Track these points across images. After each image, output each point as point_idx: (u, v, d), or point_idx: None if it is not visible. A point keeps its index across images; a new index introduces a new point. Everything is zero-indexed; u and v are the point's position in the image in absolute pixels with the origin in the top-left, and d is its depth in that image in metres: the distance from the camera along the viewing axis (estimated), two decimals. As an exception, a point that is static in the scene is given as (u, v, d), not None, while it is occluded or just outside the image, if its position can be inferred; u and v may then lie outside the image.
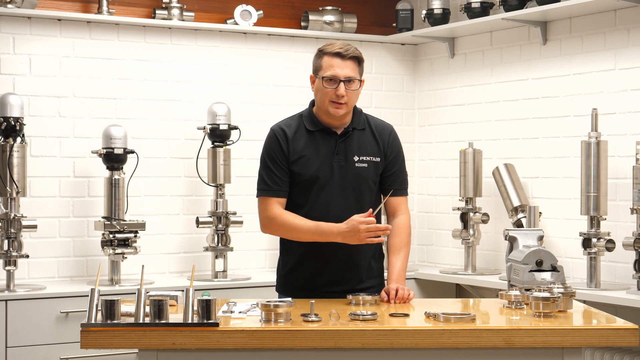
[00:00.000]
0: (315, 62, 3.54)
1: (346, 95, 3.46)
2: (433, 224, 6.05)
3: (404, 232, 3.59)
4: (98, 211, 5.22)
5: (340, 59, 3.46)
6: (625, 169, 4.78)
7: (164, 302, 2.83)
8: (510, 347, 2.86)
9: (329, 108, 3.49)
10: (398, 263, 3.54)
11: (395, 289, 3.39)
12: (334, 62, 3.47)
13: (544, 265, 3.38)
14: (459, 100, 5.88)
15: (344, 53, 3.47)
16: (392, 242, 3.58)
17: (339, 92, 3.44)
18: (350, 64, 3.47)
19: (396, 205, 3.62)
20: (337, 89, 3.45)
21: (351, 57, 3.48)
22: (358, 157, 3.54)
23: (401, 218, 3.61)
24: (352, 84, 3.47)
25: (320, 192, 3.51)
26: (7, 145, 4.76)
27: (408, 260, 3.62)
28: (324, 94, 3.48)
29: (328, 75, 3.46)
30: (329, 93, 3.46)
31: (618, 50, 4.88)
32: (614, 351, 4.61)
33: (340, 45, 3.50)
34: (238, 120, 5.51)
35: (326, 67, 3.48)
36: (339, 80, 3.45)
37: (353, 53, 3.49)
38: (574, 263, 5.04)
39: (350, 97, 3.48)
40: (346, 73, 3.46)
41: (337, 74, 3.45)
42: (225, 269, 5.29)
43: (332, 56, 3.47)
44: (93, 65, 5.32)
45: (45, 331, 4.71)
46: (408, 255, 3.60)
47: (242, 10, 5.61)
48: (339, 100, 3.46)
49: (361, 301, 3.29)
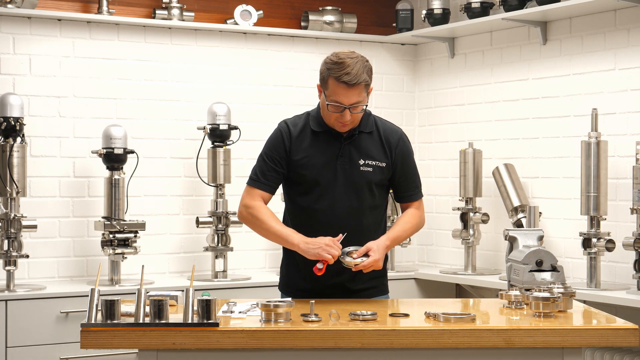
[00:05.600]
0: (322, 75, 3.44)
1: (351, 117, 3.43)
2: (433, 224, 6.05)
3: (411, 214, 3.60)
4: (98, 211, 5.22)
5: (347, 88, 3.36)
6: (625, 169, 4.78)
7: (164, 302, 2.83)
8: (510, 347, 2.86)
9: (334, 126, 3.47)
10: (395, 227, 3.54)
11: (366, 251, 3.37)
12: (339, 90, 3.37)
13: (544, 265, 3.38)
14: (459, 100, 5.88)
15: (350, 83, 3.35)
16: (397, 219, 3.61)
17: (344, 118, 3.41)
18: (357, 90, 3.38)
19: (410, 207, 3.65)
20: (343, 114, 3.41)
21: (358, 84, 3.37)
22: (363, 161, 3.51)
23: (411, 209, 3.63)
24: (357, 108, 3.42)
25: (324, 194, 3.50)
26: (7, 145, 4.76)
27: (407, 234, 3.57)
28: (329, 114, 3.45)
29: (332, 103, 3.40)
30: (334, 115, 3.43)
31: (618, 50, 4.88)
32: (614, 351, 4.61)
33: (348, 71, 3.34)
34: (238, 120, 5.51)
35: (332, 91, 3.39)
36: (344, 107, 3.40)
37: (360, 80, 3.36)
38: (574, 263, 5.04)
39: (355, 117, 3.45)
40: (351, 100, 3.39)
41: (343, 102, 3.38)
42: (225, 269, 5.29)
43: (339, 83, 3.36)
44: (93, 65, 5.32)
45: (45, 331, 4.71)
46: (408, 229, 3.57)
47: (242, 10, 5.61)
48: (344, 122, 3.44)
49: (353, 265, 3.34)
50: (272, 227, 3.48)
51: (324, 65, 3.43)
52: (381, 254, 3.41)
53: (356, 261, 3.36)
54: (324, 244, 3.35)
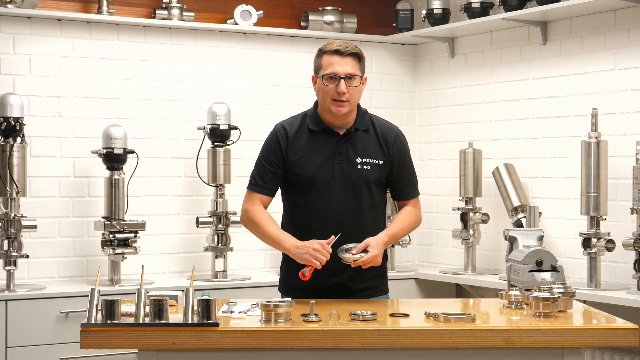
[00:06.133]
0: (316, 62, 3.55)
1: (347, 92, 3.46)
2: (433, 224, 6.05)
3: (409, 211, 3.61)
4: (98, 211, 5.22)
5: (339, 56, 3.47)
6: (625, 169, 4.78)
7: (164, 302, 2.83)
8: (510, 347, 2.86)
9: (331, 107, 3.48)
10: (393, 224, 3.55)
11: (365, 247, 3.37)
12: (333, 59, 3.47)
13: (544, 265, 3.38)
14: (459, 100, 5.88)
15: (342, 50, 3.47)
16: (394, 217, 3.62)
17: (339, 89, 3.45)
18: (350, 60, 3.48)
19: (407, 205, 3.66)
20: (338, 86, 3.45)
21: (350, 54, 3.48)
22: (361, 159, 3.53)
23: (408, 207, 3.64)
24: (352, 81, 3.47)
25: (321, 193, 3.50)
26: (7, 145, 4.76)
27: (405, 231, 3.59)
28: (326, 93, 3.48)
29: (328, 73, 3.47)
30: (330, 91, 3.46)
31: (618, 50, 4.88)
32: (614, 351, 4.61)
33: (339, 43, 3.51)
34: (238, 120, 5.51)
35: (326, 65, 3.48)
36: (339, 78, 3.45)
37: (352, 50, 3.49)
38: (574, 263, 5.04)
39: (352, 94, 3.48)
40: (346, 70, 3.46)
41: (337, 71, 3.46)
42: (225, 269, 5.29)
43: (331, 54, 3.48)
44: (93, 65, 5.32)
45: (45, 331, 4.71)
46: (406, 227, 3.58)
47: (242, 10, 5.61)
48: (340, 97, 3.46)
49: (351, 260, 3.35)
50: (268, 231, 3.51)
51: (316, 53, 3.57)
52: (380, 250, 3.41)
53: (355, 257, 3.36)
54: (312, 248, 3.37)
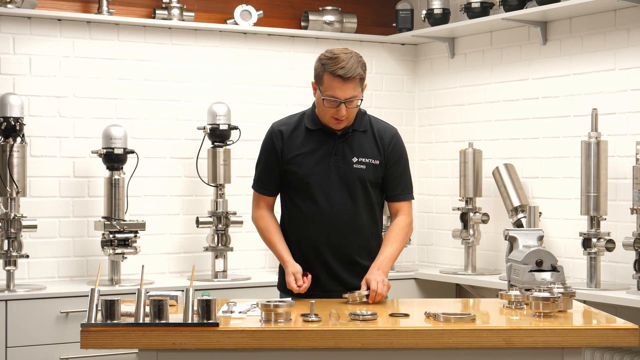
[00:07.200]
0: (317, 71, 3.46)
1: (347, 112, 3.44)
2: (433, 224, 6.05)
3: (401, 228, 3.57)
4: (98, 211, 5.22)
5: (342, 81, 3.38)
6: (625, 169, 4.78)
7: (164, 302, 2.83)
8: (510, 347, 2.86)
9: (329, 123, 3.48)
10: (387, 250, 3.51)
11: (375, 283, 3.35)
12: (335, 84, 3.38)
13: (544, 265, 3.38)
14: (459, 100, 5.88)
15: (345, 76, 3.36)
16: (386, 235, 3.58)
17: (339, 113, 3.42)
18: (352, 84, 3.39)
19: (399, 208, 3.62)
20: (338, 110, 3.42)
21: (353, 78, 3.39)
22: (357, 159, 3.52)
23: (400, 218, 3.61)
24: (353, 103, 3.43)
25: (318, 192, 3.51)
26: (7, 145, 4.76)
27: (398, 253, 3.56)
28: (325, 110, 3.45)
29: (328, 97, 3.41)
30: (330, 111, 3.44)
31: (618, 50, 4.88)
32: (614, 351, 4.61)
33: (343, 64, 3.37)
34: (238, 120, 5.51)
35: (327, 86, 3.40)
36: (339, 102, 3.41)
37: (354, 73, 3.38)
38: (574, 263, 5.04)
39: (350, 112, 3.46)
40: (347, 95, 3.40)
41: (338, 95, 3.39)
42: (225, 269, 5.29)
43: (334, 77, 3.38)
44: (93, 65, 5.32)
45: (45, 331, 4.71)
46: (400, 248, 3.55)
47: (242, 10, 5.61)
48: (339, 118, 3.45)
49: (357, 298, 3.31)
50: (271, 241, 3.59)
51: (319, 61, 3.46)
52: (381, 275, 3.40)
53: (361, 293, 3.34)
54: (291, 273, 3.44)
